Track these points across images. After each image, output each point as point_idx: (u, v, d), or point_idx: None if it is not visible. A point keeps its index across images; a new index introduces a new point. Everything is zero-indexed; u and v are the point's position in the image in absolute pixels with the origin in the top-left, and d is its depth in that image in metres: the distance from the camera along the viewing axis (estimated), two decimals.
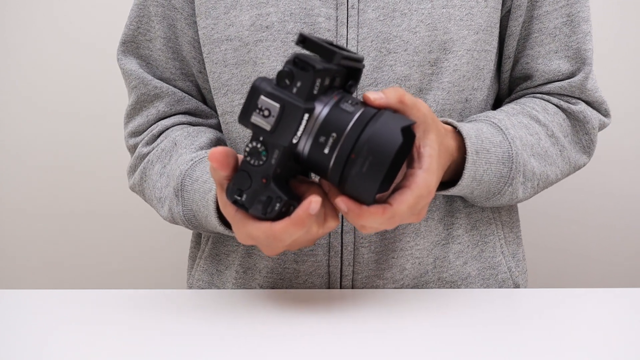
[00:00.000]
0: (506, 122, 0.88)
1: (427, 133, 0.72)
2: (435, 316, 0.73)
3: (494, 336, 0.70)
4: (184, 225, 0.92)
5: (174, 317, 0.75)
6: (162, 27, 0.96)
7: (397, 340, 0.68)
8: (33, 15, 1.45)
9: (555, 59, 0.94)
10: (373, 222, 0.69)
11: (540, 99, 0.95)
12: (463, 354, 0.65)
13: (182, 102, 0.98)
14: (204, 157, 0.89)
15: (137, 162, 0.97)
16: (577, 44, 0.93)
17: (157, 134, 0.96)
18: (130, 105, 0.99)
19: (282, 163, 0.68)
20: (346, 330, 0.71)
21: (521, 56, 0.96)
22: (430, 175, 0.71)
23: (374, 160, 0.65)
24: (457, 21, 0.88)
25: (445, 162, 0.77)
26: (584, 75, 0.94)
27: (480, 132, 0.84)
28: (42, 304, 0.81)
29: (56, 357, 0.65)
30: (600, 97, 0.96)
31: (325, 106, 0.67)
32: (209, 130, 0.97)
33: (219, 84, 0.93)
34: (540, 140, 0.90)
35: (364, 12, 0.87)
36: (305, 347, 0.67)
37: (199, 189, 0.86)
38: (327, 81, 0.68)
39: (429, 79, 0.88)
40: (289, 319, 0.73)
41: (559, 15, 0.93)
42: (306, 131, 0.67)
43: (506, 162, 0.85)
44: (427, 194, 0.71)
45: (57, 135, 1.47)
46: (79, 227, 1.50)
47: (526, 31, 0.94)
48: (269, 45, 0.88)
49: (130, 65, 0.97)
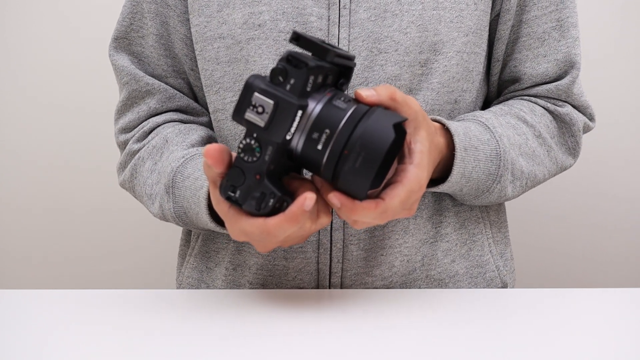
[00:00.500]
0: (494, 121, 0.89)
1: (418, 130, 0.73)
2: (423, 316, 0.73)
3: (482, 336, 0.70)
4: (175, 222, 0.92)
5: (165, 317, 0.75)
6: (155, 24, 0.97)
7: (387, 340, 0.68)
8: (34, 11, 1.44)
9: (544, 62, 0.95)
10: (365, 217, 0.70)
11: (528, 100, 0.96)
12: (451, 353, 0.66)
13: (174, 100, 0.98)
14: (195, 154, 0.89)
15: (127, 158, 0.98)
16: (566, 48, 0.95)
17: (148, 130, 0.96)
18: (121, 102, 0.99)
19: (276, 159, 0.68)
20: (336, 330, 0.71)
21: (510, 59, 0.97)
22: (421, 171, 0.72)
23: (367, 156, 0.66)
24: (447, 23, 0.89)
25: (435, 158, 0.78)
26: (571, 79, 0.95)
27: (468, 130, 0.85)
28: (34, 304, 0.81)
29: (47, 357, 0.65)
30: (585, 102, 0.98)
31: (318, 103, 0.68)
32: (200, 128, 0.97)
33: (210, 81, 0.94)
34: (527, 140, 0.91)
35: (355, 12, 0.88)
36: (295, 348, 0.67)
37: (190, 186, 0.87)
38: (320, 79, 0.69)
39: (419, 79, 0.89)
40: (279, 320, 0.73)
41: (548, 20, 0.94)
42: (299, 128, 0.68)
43: (494, 159, 0.86)
44: (418, 189, 0.72)
45: (56, 133, 1.47)
46: (64, 224, 1.50)
47: (515, 35, 0.95)
48: (261, 43, 0.89)
49: (122, 62, 0.98)
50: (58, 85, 1.46)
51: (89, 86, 1.45)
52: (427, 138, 0.73)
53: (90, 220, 1.50)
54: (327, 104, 0.68)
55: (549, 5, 0.94)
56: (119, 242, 1.50)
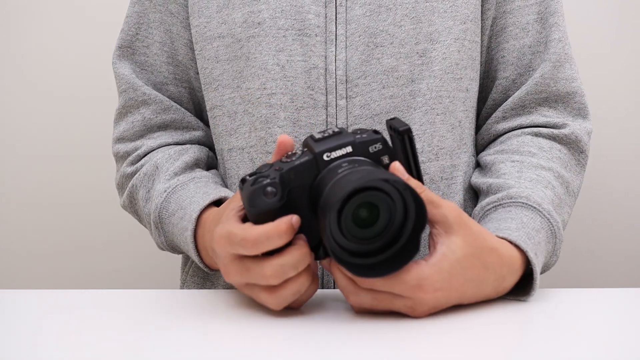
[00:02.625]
0: (534, 197, 0.84)
1: (450, 235, 0.71)
2: (428, 316, 0.72)
3: (482, 336, 0.69)
4: (171, 252, 0.94)
5: (166, 317, 0.74)
6: (159, 33, 0.99)
7: (387, 340, 0.67)
8: (36, 9, 1.45)
9: (528, 54, 0.96)
10: (341, 282, 0.71)
11: (531, 134, 0.95)
12: (452, 352, 0.64)
13: (169, 111, 0.99)
14: (177, 186, 0.91)
15: (123, 181, 0.99)
16: (545, 37, 0.96)
17: (142, 154, 0.98)
18: (118, 109, 1.01)
19: (302, 172, 0.70)
20: (336, 330, 0.69)
21: (495, 52, 0.98)
22: (431, 270, 0.69)
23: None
24: (441, 13, 0.91)
25: (479, 276, 0.73)
26: (551, 65, 0.95)
27: (526, 226, 0.81)
28: (34, 304, 0.80)
29: (47, 357, 0.65)
30: (575, 88, 0.96)
31: (368, 159, 0.71)
32: (192, 149, 0.98)
33: (210, 79, 0.96)
34: (554, 189, 0.89)
35: (351, 9, 0.91)
36: (295, 348, 0.66)
37: (176, 224, 0.88)
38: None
39: (419, 69, 0.91)
40: (279, 320, 0.71)
41: (530, 11, 0.96)
42: (339, 158, 0.70)
43: (551, 238, 0.84)
44: (416, 285, 0.69)
45: (56, 131, 1.46)
46: (64, 224, 1.48)
47: (498, 27, 0.97)
48: (261, 40, 0.91)
49: (122, 70, 1.00)
50: (59, 81, 1.45)
51: (90, 82, 1.44)
52: (461, 247, 0.71)
53: (90, 220, 1.48)
54: (372, 164, 0.71)
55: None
56: (120, 242, 1.49)
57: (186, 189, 0.90)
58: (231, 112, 0.94)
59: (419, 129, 0.91)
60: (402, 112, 0.91)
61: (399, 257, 0.69)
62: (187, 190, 0.90)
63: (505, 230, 0.78)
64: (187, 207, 0.87)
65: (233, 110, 0.94)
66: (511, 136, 0.96)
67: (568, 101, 0.97)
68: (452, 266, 0.70)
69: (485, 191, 0.90)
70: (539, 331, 0.70)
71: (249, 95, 0.92)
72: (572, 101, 0.97)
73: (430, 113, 0.92)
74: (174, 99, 1.01)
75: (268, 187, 0.69)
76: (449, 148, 0.94)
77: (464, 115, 0.95)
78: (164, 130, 0.99)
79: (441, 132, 0.93)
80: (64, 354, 0.65)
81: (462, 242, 0.71)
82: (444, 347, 0.66)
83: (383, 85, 0.90)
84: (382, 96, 0.90)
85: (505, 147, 0.95)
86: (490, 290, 0.74)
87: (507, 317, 0.73)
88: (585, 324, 0.73)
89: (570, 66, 0.97)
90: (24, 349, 0.66)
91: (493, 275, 0.73)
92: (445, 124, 0.93)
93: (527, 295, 0.76)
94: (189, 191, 0.90)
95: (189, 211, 0.86)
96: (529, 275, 0.77)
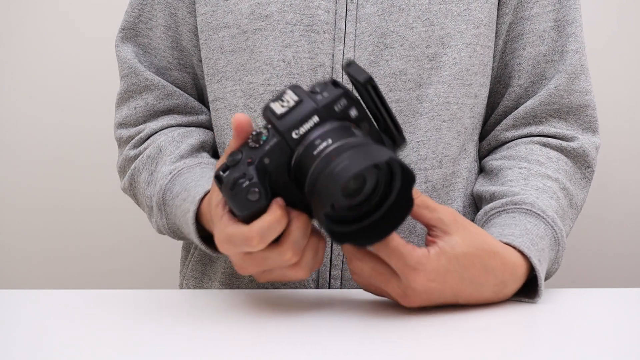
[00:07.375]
0: (539, 204, 0.84)
1: (450, 234, 0.71)
2: (425, 316, 0.72)
3: (482, 336, 0.69)
4: (171, 237, 0.92)
5: (165, 317, 0.74)
6: (164, 16, 0.97)
7: (387, 340, 0.67)
8: (35, 10, 1.45)
9: (542, 62, 0.94)
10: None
11: (539, 144, 0.93)
12: (453, 352, 0.65)
13: (172, 97, 0.97)
14: (182, 169, 0.89)
15: (125, 164, 0.97)
16: (561, 47, 0.94)
17: (145, 137, 0.96)
18: (119, 94, 0.99)
19: (274, 154, 0.68)
20: (336, 330, 0.70)
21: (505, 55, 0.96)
22: (429, 259, 0.70)
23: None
24: (455, 16, 0.89)
25: (475, 277, 0.73)
26: (566, 76, 0.93)
27: (529, 233, 0.80)
28: (34, 304, 0.80)
29: (47, 357, 0.65)
30: (587, 101, 0.95)
31: (335, 122, 0.68)
32: (197, 132, 0.96)
33: (213, 70, 0.93)
34: (559, 200, 0.88)
35: (362, 6, 0.88)
36: (296, 348, 0.66)
37: (179, 206, 0.86)
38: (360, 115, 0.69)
39: (428, 73, 0.88)
40: (279, 320, 0.72)
41: (547, 19, 0.94)
42: (308, 134, 0.67)
43: (553, 246, 0.83)
44: (412, 266, 0.69)
45: (56, 132, 1.47)
46: (64, 224, 1.50)
47: (514, 32, 0.95)
48: (267, 34, 0.88)
49: (125, 53, 0.97)
50: (58, 84, 1.46)
51: (90, 85, 1.45)
52: (460, 245, 0.71)
53: (90, 220, 1.50)
54: (344, 127, 0.68)
55: (547, 4, 0.94)
56: (120, 242, 1.50)
57: (192, 172, 0.88)
58: (232, 106, 0.92)
59: (423, 135, 0.89)
60: (407, 116, 0.89)
61: (395, 214, 0.69)
62: (193, 173, 0.88)
63: (508, 236, 0.78)
64: (192, 189, 0.85)
65: (234, 104, 0.92)
66: (519, 143, 0.95)
67: (579, 114, 0.95)
68: (449, 262, 0.70)
69: (488, 199, 0.89)
70: (539, 331, 0.71)
71: (251, 89, 0.90)
72: (583, 114, 0.95)
73: (437, 119, 0.90)
74: (178, 85, 0.98)
75: (250, 189, 0.67)
76: (453, 155, 0.92)
77: (470, 121, 0.93)
78: (167, 114, 0.98)
79: (447, 139, 0.91)
80: (64, 354, 0.65)
81: (462, 240, 0.71)
82: (445, 347, 0.66)
83: (390, 88, 0.88)
84: (388, 99, 0.87)
85: (512, 153, 0.93)
86: (489, 294, 0.74)
87: (508, 317, 0.74)
88: (586, 324, 0.74)
89: (586, 78, 0.95)
90: (24, 349, 0.66)
91: (494, 280, 0.73)
92: (452, 131, 0.91)
93: (530, 300, 0.77)
94: (195, 174, 0.88)
95: (193, 193, 0.84)
96: (530, 281, 0.77)
